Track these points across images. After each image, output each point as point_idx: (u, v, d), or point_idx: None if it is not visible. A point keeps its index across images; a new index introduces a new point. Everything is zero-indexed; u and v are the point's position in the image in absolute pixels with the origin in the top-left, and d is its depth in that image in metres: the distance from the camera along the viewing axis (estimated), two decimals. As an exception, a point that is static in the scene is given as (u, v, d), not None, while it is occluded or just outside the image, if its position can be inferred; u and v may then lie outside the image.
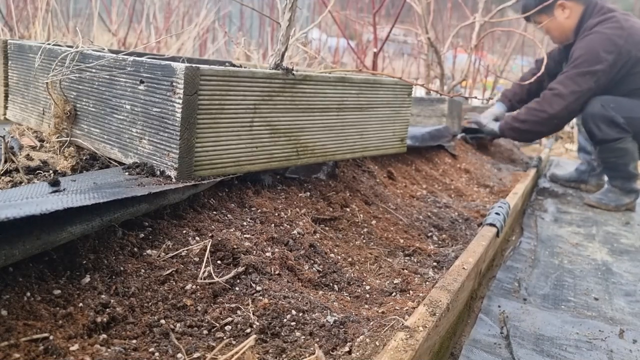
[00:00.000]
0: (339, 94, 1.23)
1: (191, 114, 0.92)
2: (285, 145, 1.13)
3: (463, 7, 3.15)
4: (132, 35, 3.42)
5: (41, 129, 1.25)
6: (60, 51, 1.13)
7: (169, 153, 0.93)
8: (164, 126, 0.94)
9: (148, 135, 0.97)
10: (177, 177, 0.93)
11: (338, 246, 1.13)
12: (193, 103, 0.92)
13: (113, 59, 1.02)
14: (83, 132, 1.12)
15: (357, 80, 1.27)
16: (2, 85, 1.35)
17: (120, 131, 1.03)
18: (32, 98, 1.25)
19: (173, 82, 0.91)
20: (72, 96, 1.13)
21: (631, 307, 1.34)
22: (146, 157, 0.98)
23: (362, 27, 3.97)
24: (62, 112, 1.11)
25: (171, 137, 0.93)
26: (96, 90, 1.07)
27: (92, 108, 1.09)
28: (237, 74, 0.99)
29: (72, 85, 1.13)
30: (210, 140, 0.97)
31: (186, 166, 0.94)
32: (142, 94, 0.97)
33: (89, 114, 1.10)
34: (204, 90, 0.93)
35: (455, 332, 1.04)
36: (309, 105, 1.16)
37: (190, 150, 0.94)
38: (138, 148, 0.99)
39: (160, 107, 0.94)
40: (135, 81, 0.98)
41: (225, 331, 0.72)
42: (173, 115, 0.92)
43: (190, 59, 1.70)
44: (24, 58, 1.27)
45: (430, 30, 2.90)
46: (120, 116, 1.02)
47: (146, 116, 0.97)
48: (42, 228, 0.67)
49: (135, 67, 0.97)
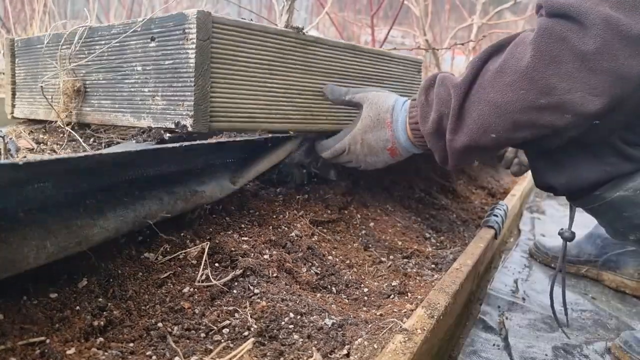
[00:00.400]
0: (354, 61, 1.26)
1: (205, 60, 0.92)
2: (300, 106, 1.15)
3: (461, 9, 3.16)
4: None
5: (50, 117, 1.25)
6: (65, 32, 1.15)
7: (184, 102, 0.93)
8: (177, 76, 0.94)
9: (161, 90, 0.98)
10: (193, 125, 0.93)
11: (336, 248, 1.13)
12: (206, 49, 0.92)
13: (122, 24, 1.04)
14: (93, 107, 1.13)
15: (367, 50, 1.30)
16: (10, 83, 1.36)
17: (132, 95, 1.03)
18: (39, 90, 1.25)
19: (185, 28, 0.92)
20: (82, 73, 1.14)
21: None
22: (160, 113, 0.98)
23: (360, 29, 3.98)
24: (71, 90, 1.11)
25: (185, 85, 0.93)
26: (106, 61, 1.09)
27: (103, 80, 1.10)
28: (249, 26, 1.01)
29: (80, 64, 1.14)
30: (225, 90, 0.98)
31: (202, 114, 0.94)
32: (154, 50, 0.98)
33: (99, 88, 1.11)
34: (217, 38, 0.94)
35: (454, 334, 1.04)
36: (323, 70, 1.19)
37: (206, 97, 0.94)
38: (151, 107, 1.00)
39: (173, 59, 0.95)
40: (146, 40, 0.99)
41: (223, 334, 0.72)
42: (187, 62, 0.92)
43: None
44: (31, 51, 1.28)
45: (428, 32, 2.90)
46: (132, 80, 1.03)
47: (158, 72, 0.98)
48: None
49: (145, 26, 0.99)
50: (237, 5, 3.23)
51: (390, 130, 1.09)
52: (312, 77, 1.16)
